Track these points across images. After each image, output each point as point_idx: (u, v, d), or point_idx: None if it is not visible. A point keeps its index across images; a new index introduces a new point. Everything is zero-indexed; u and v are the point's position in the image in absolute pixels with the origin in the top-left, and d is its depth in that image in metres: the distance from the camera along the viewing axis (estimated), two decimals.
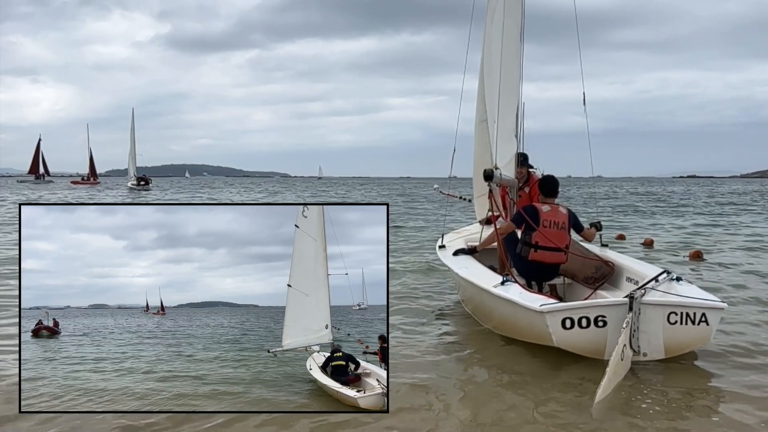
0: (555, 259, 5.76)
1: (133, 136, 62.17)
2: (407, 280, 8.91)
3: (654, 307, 4.70)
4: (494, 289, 5.22)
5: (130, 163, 61.68)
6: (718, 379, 4.67)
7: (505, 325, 5.50)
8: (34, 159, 72.53)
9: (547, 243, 5.67)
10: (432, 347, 5.61)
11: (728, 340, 5.59)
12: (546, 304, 4.70)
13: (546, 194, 5.96)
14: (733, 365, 4.97)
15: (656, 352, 4.75)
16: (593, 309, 4.70)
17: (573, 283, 6.31)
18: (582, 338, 4.66)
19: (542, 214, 5.72)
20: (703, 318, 4.75)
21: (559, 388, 4.42)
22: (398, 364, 4.90)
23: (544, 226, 5.68)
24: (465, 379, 4.82)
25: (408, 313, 6.90)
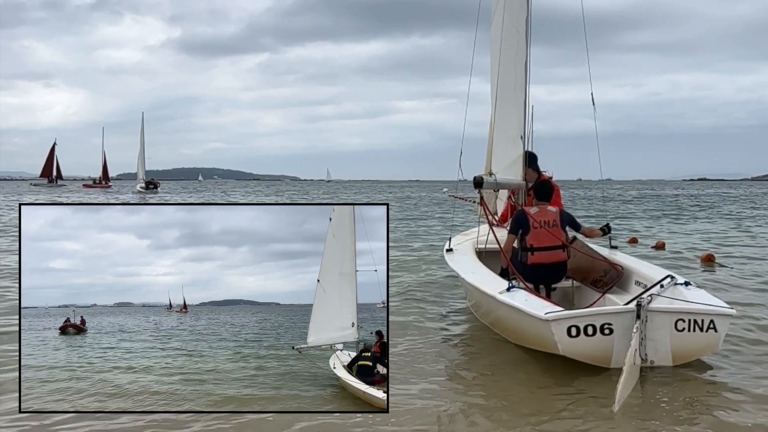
0: (554, 258, 5.77)
1: (142, 140, 62.57)
2: (408, 280, 8.94)
3: (661, 314, 4.64)
4: (500, 296, 5.20)
5: (139, 167, 62.06)
6: (728, 383, 4.64)
7: (511, 332, 5.50)
8: (48, 162, 73.21)
9: (541, 243, 5.70)
10: (435, 348, 5.64)
11: (739, 343, 5.57)
12: (551, 312, 4.63)
13: (539, 198, 6.02)
14: (744, 369, 4.94)
15: (663, 360, 4.69)
16: (599, 317, 4.64)
17: (582, 287, 6.31)
18: (588, 346, 4.60)
19: (531, 216, 5.78)
20: (712, 325, 4.67)
21: (565, 395, 4.40)
22: (400, 363, 4.93)
23: (535, 228, 5.72)
24: (467, 381, 4.85)
25: (414, 313, 6.93)
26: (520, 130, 6.65)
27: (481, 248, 6.91)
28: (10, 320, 6.36)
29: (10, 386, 4.29)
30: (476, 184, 6.14)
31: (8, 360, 4.97)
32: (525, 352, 5.25)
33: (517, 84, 6.65)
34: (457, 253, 6.94)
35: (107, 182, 70.64)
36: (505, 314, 5.34)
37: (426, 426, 3.87)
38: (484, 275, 5.99)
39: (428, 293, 8.12)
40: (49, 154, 73.23)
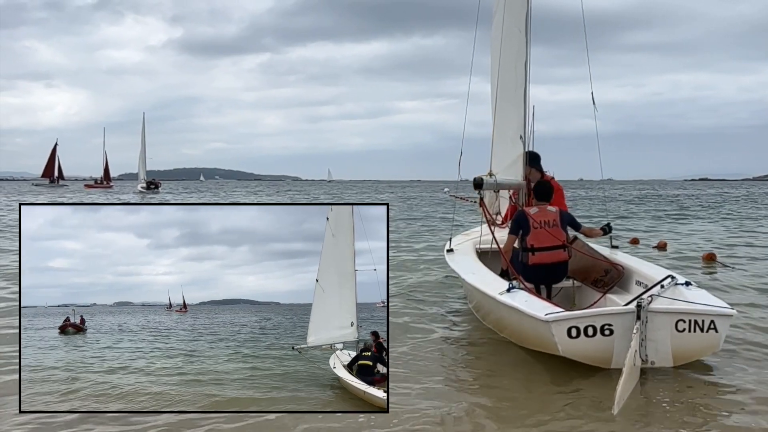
0: (555, 258, 5.78)
1: (143, 140, 62.67)
2: (409, 280, 8.94)
3: (661, 315, 4.64)
4: (500, 297, 5.19)
5: (140, 167, 62.17)
6: (729, 385, 4.64)
7: (511, 333, 5.49)
8: (49, 163, 73.29)
9: (541, 243, 5.71)
10: (436, 348, 5.63)
11: (740, 344, 5.56)
12: (551, 313, 4.62)
13: (539, 198, 6.02)
14: (745, 370, 4.93)
15: (664, 361, 4.68)
16: (599, 317, 4.63)
17: (582, 286, 6.30)
18: (588, 347, 4.59)
19: (531, 216, 5.78)
20: (712, 325, 4.66)
21: (565, 395, 4.40)
22: (401, 363, 4.92)
23: (535, 228, 5.73)
24: (467, 381, 4.85)
25: (415, 313, 6.93)
26: (520, 130, 6.64)
27: (482, 248, 6.90)
28: (11, 321, 6.36)
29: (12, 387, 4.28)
30: (476, 185, 6.14)
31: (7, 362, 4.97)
32: (525, 352, 5.24)
33: (517, 84, 6.65)
34: (457, 254, 6.93)
35: (109, 182, 70.71)
36: (506, 315, 5.33)
37: (426, 426, 3.87)
38: (485, 276, 5.98)
39: (429, 293, 8.11)
40: (51, 154, 73.35)
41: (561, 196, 6.70)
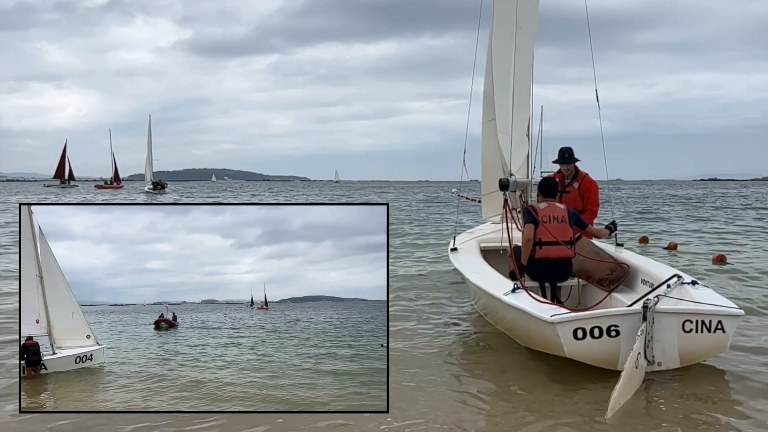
0: (561, 254, 5.76)
1: (150, 142, 63.25)
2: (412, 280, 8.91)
3: (668, 315, 4.58)
4: (504, 297, 5.16)
5: (147, 169, 62.79)
6: (735, 387, 4.59)
7: (516, 333, 5.46)
8: (60, 164, 73.98)
9: (549, 238, 5.70)
10: (437, 347, 5.61)
11: (748, 345, 5.49)
12: (557, 314, 4.58)
13: (545, 195, 6.03)
14: (751, 371, 4.87)
15: (671, 361, 4.62)
16: (605, 318, 4.58)
17: (588, 285, 6.25)
18: (594, 348, 4.54)
19: (540, 211, 5.83)
20: (719, 325, 4.61)
21: (567, 397, 4.35)
22: (401, 363, 4.89)
23: (544, 222, 5.75)
24: (468, 381, 4.80)
25: (417, 312, 6.90)
26: (525, 129, 6.60)
27: (486, 246, 6.85)
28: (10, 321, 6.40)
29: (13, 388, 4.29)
30: (502, 186, 6.13)
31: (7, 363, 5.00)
32: (528, 352, 5.21)
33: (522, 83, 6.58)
34: (461, 252, 6.90)
35: (118, 183, 71.36)
36: (511, 316, 5.30)
37: (426, 426, 3.85)
38: (489, 275, 5.95)
39: (431, 292, 8.09)
40: (61, 155, 74.04)
41: (595, 193, 6.68)
